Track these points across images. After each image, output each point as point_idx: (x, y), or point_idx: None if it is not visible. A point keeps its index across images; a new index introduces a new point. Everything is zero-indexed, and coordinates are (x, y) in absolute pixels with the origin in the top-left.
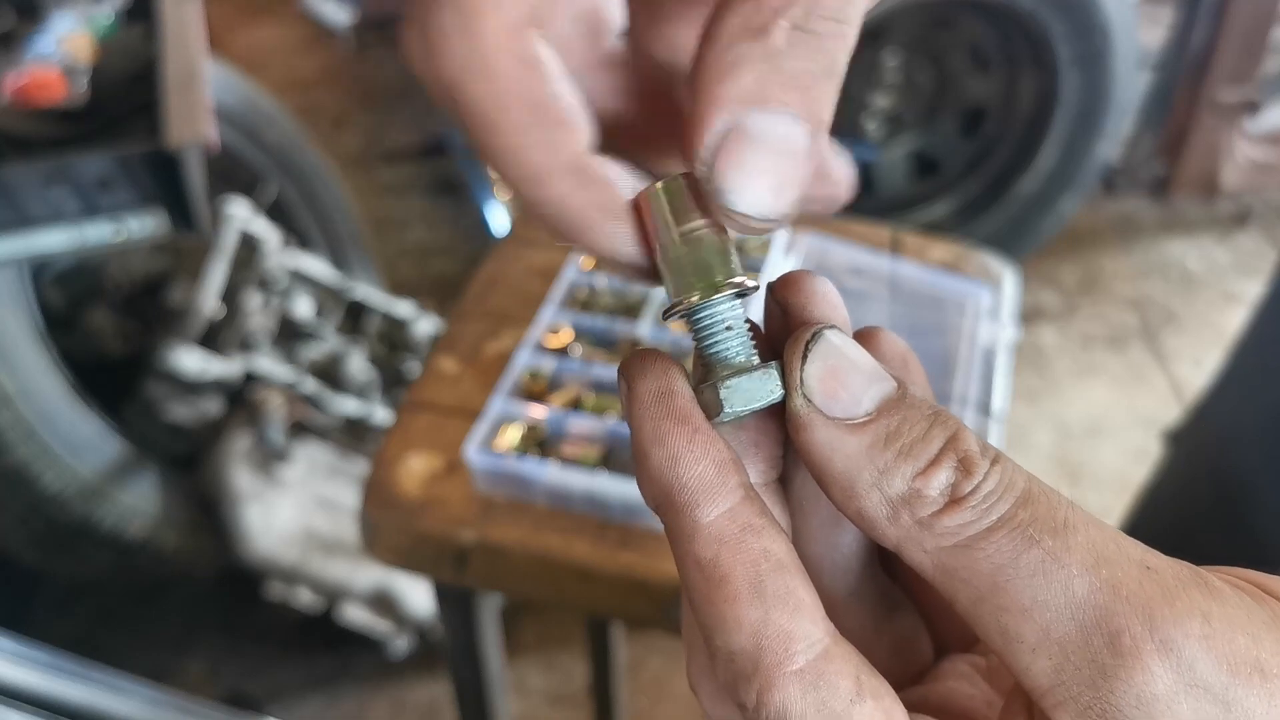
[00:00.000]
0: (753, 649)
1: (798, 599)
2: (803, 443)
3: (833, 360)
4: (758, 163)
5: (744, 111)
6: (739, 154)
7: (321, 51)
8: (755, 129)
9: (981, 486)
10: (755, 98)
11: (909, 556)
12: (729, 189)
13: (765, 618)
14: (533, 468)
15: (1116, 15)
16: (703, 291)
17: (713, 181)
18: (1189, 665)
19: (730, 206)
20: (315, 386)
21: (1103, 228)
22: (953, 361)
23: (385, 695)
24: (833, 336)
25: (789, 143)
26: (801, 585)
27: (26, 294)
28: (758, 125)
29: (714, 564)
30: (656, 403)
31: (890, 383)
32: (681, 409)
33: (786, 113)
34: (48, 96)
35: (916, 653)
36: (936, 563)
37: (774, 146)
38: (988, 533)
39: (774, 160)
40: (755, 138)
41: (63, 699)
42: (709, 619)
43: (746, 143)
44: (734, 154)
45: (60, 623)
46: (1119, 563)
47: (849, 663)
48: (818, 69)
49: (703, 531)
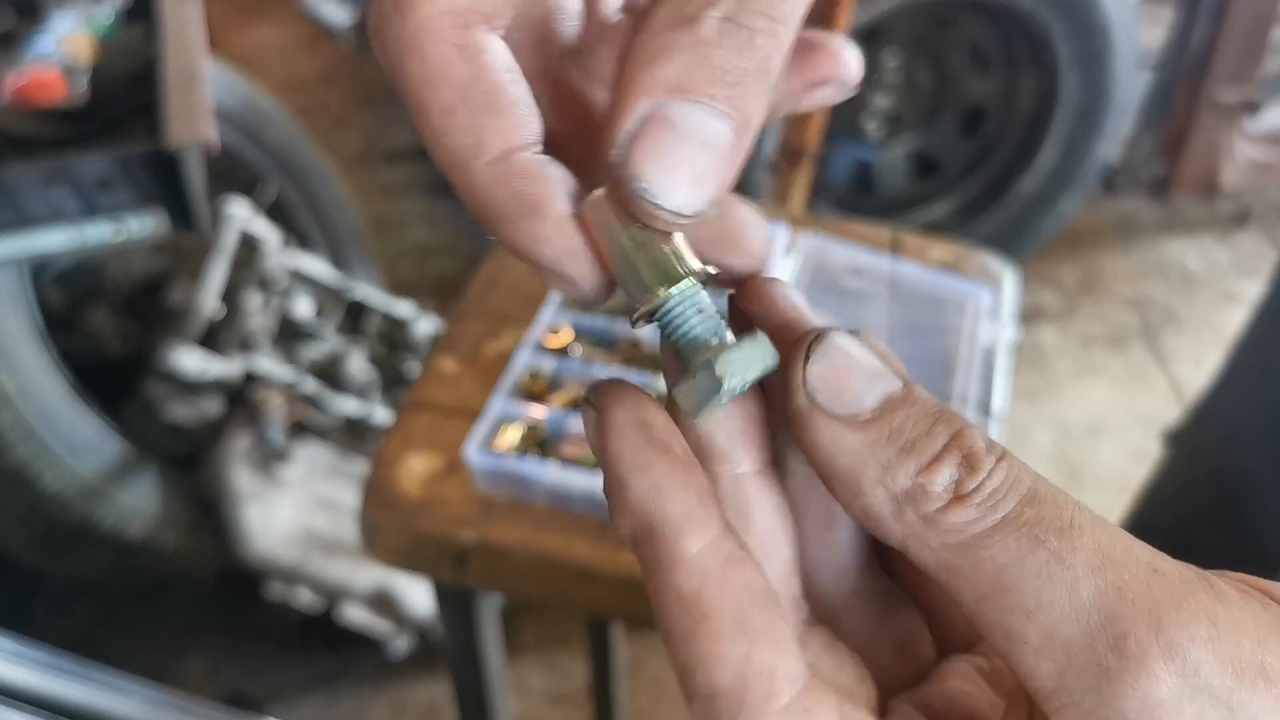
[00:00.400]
0: (736, 687)
1: (780, 633)
2: (807, 441)
3: (837, 359)
4: (675, 153)
5: (666, 99)
6: (655, 141)
7: (321, 51)
8: (675, 118)
9: (986, 483)
10: (679, 87)
11: (914, 554)
12: (640, 176)
13: (749, 654)
14: (533, 468)
15: (1116, 15)
16: (665, 285)
17: (625, 168)
18: (1194, 669)
19: (640, 195)
20: (315, 386)
21: (1103, 228)
22: (953, 361)
23: (385, 695)
24: (837, 337)
25: (710, 136)
26: (781, 618)
27: (26, 294)
28: (678, 114)
29: (696, 598)
30: (635, 431)
31: (895, 381)
32: (661, 437)
33: (711, 105)
34: (48, 96)
35: (919, 652)
36: (941, 560)
37: (694, 138)
38: (993, 531)
39: (692, 152)
40: (675, 127)
41: (63, 699)
42: (689, 657)
43: (665, 131)
44: (650, 141)
45: (60, 623)
46: (1126, 565)
47: (830, 695)
48: (748, 65)
49: (686, 564)
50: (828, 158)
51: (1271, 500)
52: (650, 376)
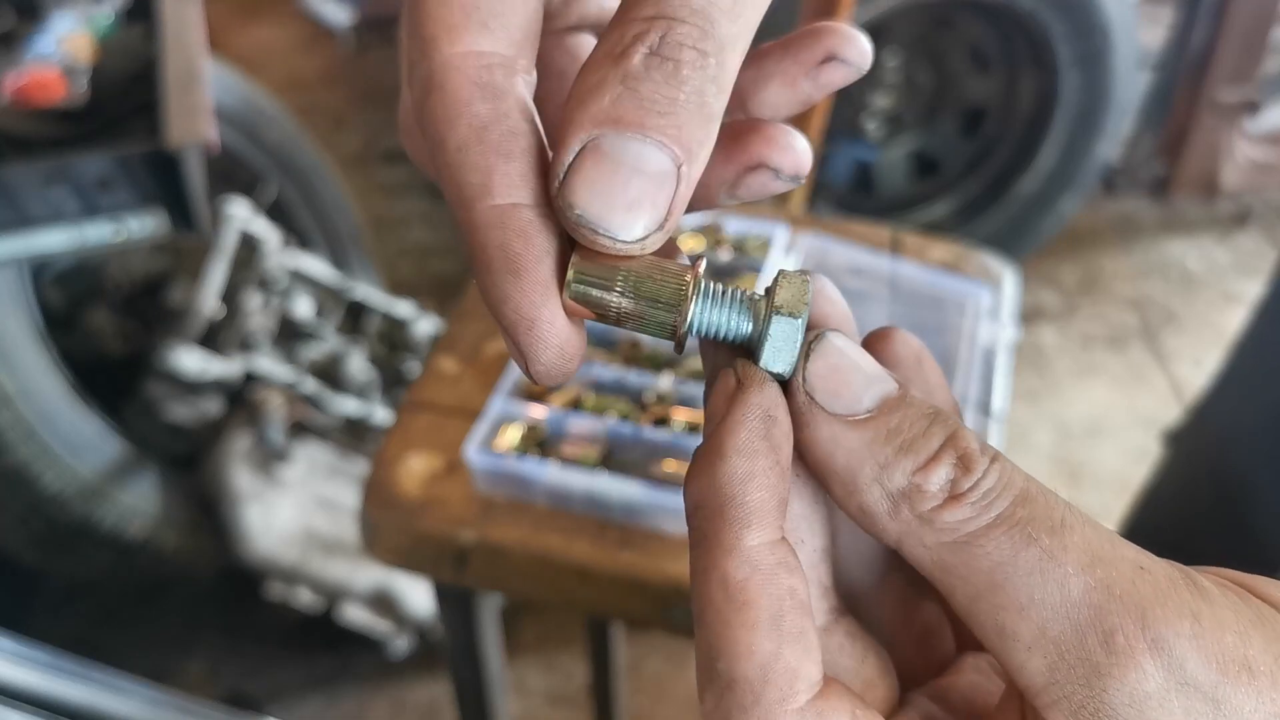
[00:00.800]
0: (757, 680)
1: (809, 641)
2: (805, 439)
3: (834, 359)
4: (608, 180)
5: (599, 131)
6: (590, 171)
7: (321, 51)
8: (608, 148)
9: (981, 484)
10: (610, 119)
11: (909, 552)
12: (576, 204)
13: (778, 651)
14: (533, 468)
15: (1116, 15)
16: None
17: (563, 196)
18: (1179, 664)
19: (579, 224)
20: (315, 386)
21: (1103, 228)
22: (953, 361)
23: (385, 695)
24: (834, 338)
25: (645, 165)
26: (813, 632)
27: (26, 294)
28: (612, 145)
29: (743, 586)
30: (761, 419)
31: (891, 383)
32: (779, 438)
33: (643, 135)
34: (48, 96)
35: (939, 645)
36: (935, 558)
37: (627, 166)
38: (987, 529)
39: (626, 179)
40: (607, 156)
41: (63, 699)
42: (720, 640)
43: (598, 160)
44: (585, 171)
45: (60, 623)
46: (1114, 563)
47: (845, 699)
48: (681, 96)
49: (742, 552)
50: (828, 158)
51: (1271, 500)
52: (650, 376)
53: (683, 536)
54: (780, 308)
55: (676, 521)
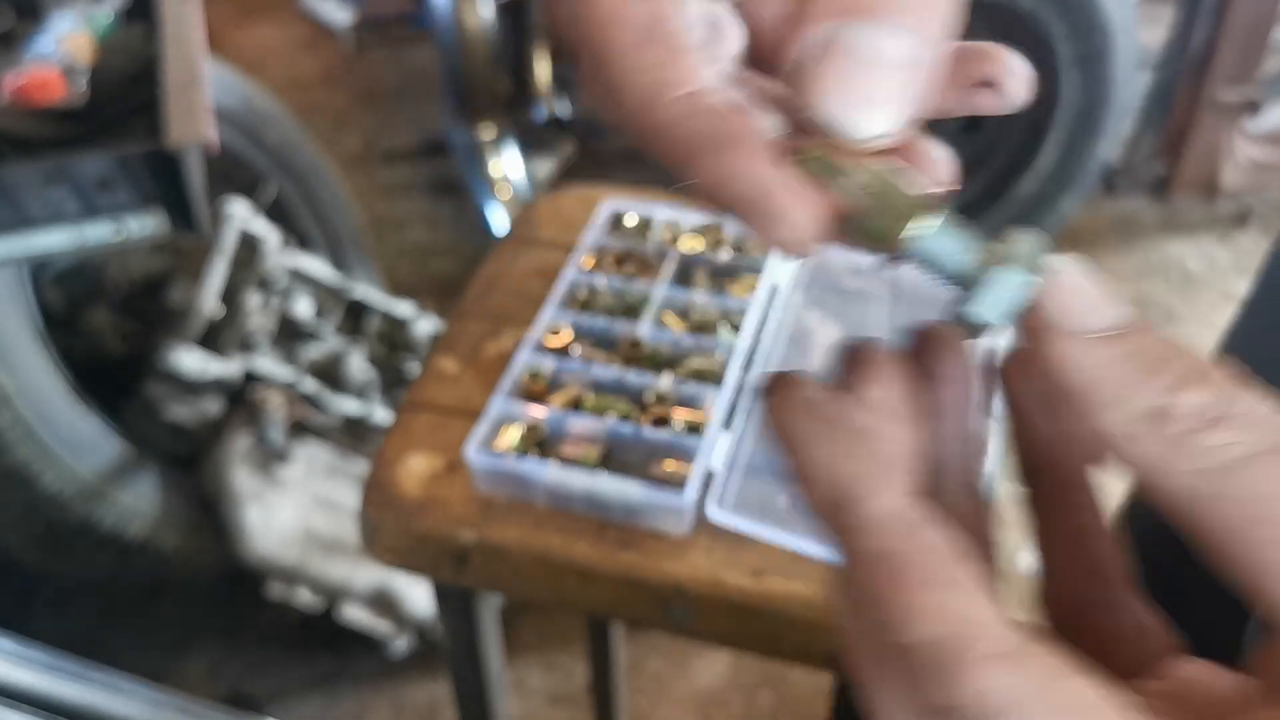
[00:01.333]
0: (952, 635)
1: (989, 589)
2: (1042, 357)
3: (1067, 279)
4: (852, 76)
5: (835, 21)
6: (827, 63)
7: (321, 51)
8: (852, 41)
9: (1242, 407)
10: (848, 9)
11: (1156, 480)
12: (818, 101)
13: (967, 601)
14: (533, 468)
15: (1116, 15)
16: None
17: (802, 93)
18: None
19: (821, 120)
20: (315, 386)
21: (1103, 228)
22: None
23: (385, 695)
24: (1073, 263)
25: (890, 57)
26: (987, 577)
27: (26, 294)
28: (854, 37)
29: (900, 553)
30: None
31: (1130, 309)
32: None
33: (888, 24)
34: (47, 96)
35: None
36: (1187, 486)
37: (871, 60)
38: (1252, 457)
39: (870, 74)
40: (846, 47)
41: (63, 699)
42: (895, 610)
43: (836, 52)
44: (827, 67)
45: (60, 623)
46: None
47: (1048, 644)
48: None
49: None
50: None
51: None
52: (651, 376)
53: (683, 536)
54: (1014, 259)
55: (677, 521)
